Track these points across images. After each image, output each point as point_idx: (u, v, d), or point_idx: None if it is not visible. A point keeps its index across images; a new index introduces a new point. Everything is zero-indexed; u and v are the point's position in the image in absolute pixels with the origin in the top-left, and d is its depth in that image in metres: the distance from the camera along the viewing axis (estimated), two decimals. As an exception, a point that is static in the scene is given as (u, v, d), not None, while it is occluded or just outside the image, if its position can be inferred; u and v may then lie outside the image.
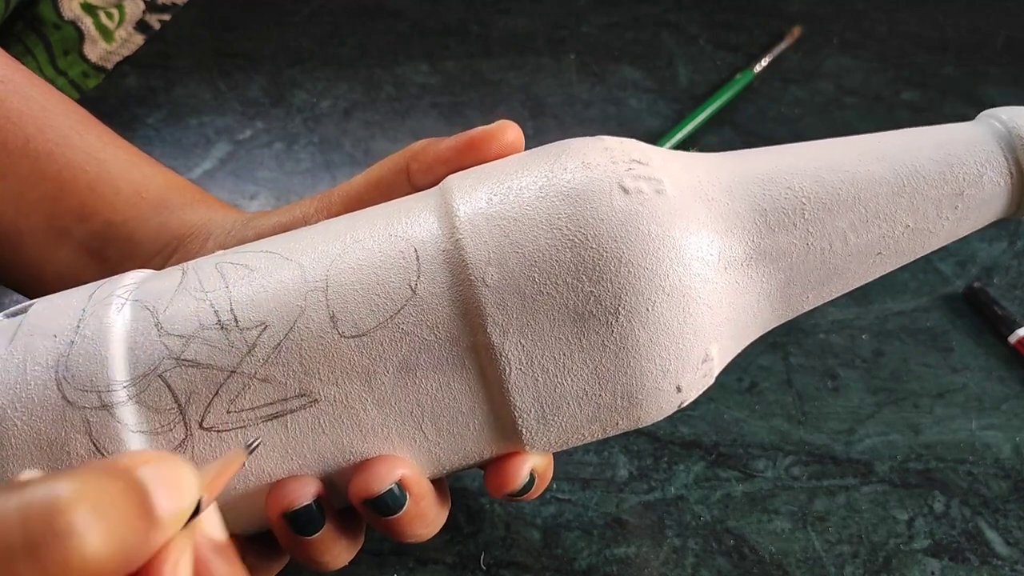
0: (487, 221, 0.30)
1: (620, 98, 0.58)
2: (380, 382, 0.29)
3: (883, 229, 0.31)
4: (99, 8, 0.56)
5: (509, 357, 0.29)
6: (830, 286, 0.32)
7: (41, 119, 0.39)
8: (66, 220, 0.39)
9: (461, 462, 0.32)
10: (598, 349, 0.29)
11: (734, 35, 0.60)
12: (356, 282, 0.29)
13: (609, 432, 0.32)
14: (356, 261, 0.30)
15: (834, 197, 0.31)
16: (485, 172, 0.32)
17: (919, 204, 0.31)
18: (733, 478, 0.42)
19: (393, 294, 0.29)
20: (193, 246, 0.37)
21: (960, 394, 0.45)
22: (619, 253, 0.29)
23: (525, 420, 0.30)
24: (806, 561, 0.40)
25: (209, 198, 0.41)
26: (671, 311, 0.29)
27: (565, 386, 0.30)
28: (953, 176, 0.31)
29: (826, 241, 0.31)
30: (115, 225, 0.39)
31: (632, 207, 0.30)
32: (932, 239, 0.32)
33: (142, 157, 0.41)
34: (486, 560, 0.40)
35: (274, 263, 0.31)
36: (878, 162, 0.32)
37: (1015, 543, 0.40)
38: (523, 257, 0.29)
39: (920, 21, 0.61)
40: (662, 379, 0.30)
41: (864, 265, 0.32)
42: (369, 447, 0.30)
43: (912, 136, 0.33)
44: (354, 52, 0.60)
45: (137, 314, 0.30)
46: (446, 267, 0.29)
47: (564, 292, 0.29)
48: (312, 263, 0.30)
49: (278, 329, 0.29)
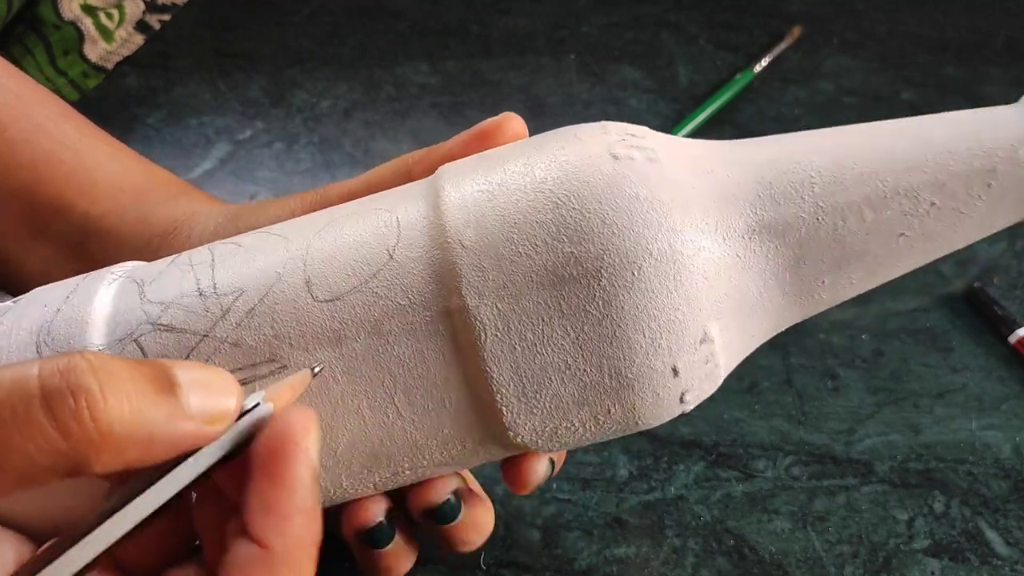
0: (472, 187, 0.29)
1: (620, 98, 0.58)
2: (350, 348, 0.28)
3: (904, 206, 0.29)
4: (99, 8, 0.56)
5: (484, 322, 0.27)
6: (849, 270, 0.30)
7: (16, 109, 0.39)
8: (43, 213, 0.38)
9: (442, 451, 0.30)
10: (579, 314, 0.27)
11: (734, 35, 0.60)
12: (336, 249, 0.29)
13: (602, 422, 0.29)
14: (339, 231, 0.30)
15: (846, 170, 0.29)
16: (480, 155, 0.31)
17: (945, 180, 0.28)
18: (733, 478, 0.42)
19: (370, 259, 0.28)
20: (176, 241, 0.37)
21: (960, 394, 0.45)
22: (602, 213, 0.27)
23: (504, 395, 0.28)
24: (806, 561, 0.40)
25: (192, 191, 0.40)
26: (659, 277, 0.27)
27: (546, 356, 0.28)
28: (983, 150, 0.28)
29: (839, 216, 0.29)
30: (93, 218, 0.38)
31: (620, 170, 0.28)
32: (965, 222, 0.29)
33: (123, 150, 0.41)
34: (486, 560, 0.40)
35: (263, 240, 0.31)
36: (895, 136, 0.29)
37: (1015, 543, 0.40)
38: (502, 218, 0.28)
39: (920, 21, 0.61)
40: (653, 355, 0.28)
41: (887, 247, 0.29)
42: (339, 422, 0.29)
43: (925, 117, 0.30)
44: (354, 52, 0.60)
45: (125, 286, 0.30)
46: (426, 232, 0.29)
47: (543, 253, 0.27)
48: (297, 235, 0.30)
49: (253, 295, 0.29)
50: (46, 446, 0.20)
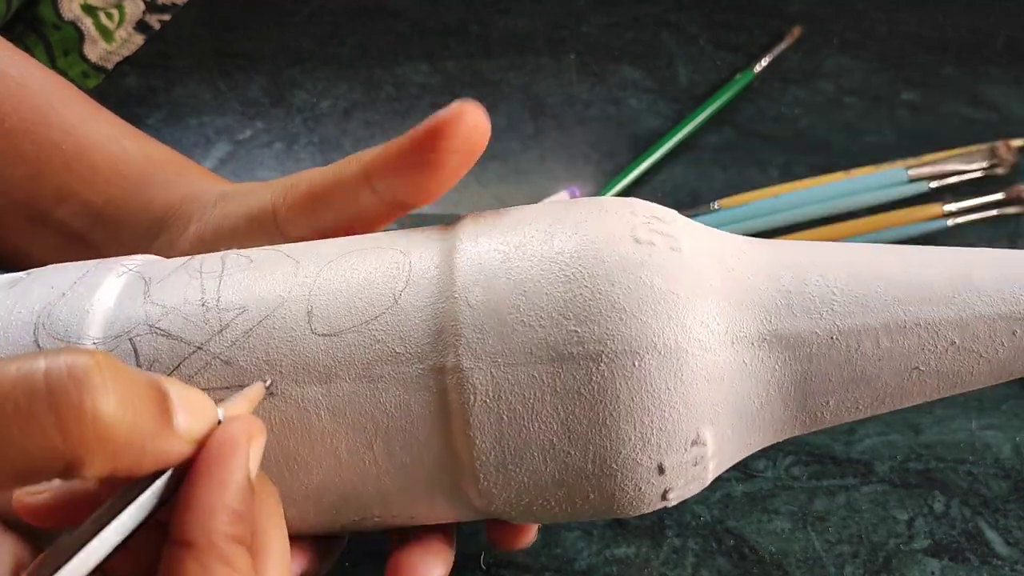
0: (489, 246, 0.28)
1: (620, 98, 0.58)
2: (339, 387, 0.27)
3: (923, 340, 0.28)
4: (99, 8, 0.56)
5: (476, 385, 0.27)
6: (856, 394, 0.29)
7: (17, 97, 0.39)
8: (46, 202, 0.38)
9: (413, 507, 0.29)
10: (573, 396, 0.27)
11: (734, 35, 0.60)
12: (343, 283, 0.29)
13: (579, 506, 0.29)
14: (350, 265, 0.29)
15: (871, 293, 0.28)
16: (504, 211, 0.30)
17: (969, 320, 0.28)
18: (733, 478, 0.42)
19: (375, 300, 0.28)
20: (176, 228, 0.36)
21: (960, 394, 0.45)
22: (613, 297, 0.27)
23: (483, 462, 0.27)
24: (806, 561, 0.40)
25: (191, 170, 0.39)
26: (660, 372, 0.27)
27: (531, 431, 0.27)
28: (1012, 296, 0.28)
29: (855, 339, 0.28)
30: (95, 206, 0.38)
31: (639, 256, 0.27)
32: (983, 367, 0.28)
33: (124, 130, 0.40)
34: (486, 560, 0.40)
35: (275, 258, 0.30)
36: (925, 267, 0.28)
37: (1015, 543, 0.40)
38: (513, 283, 0.27)
39: (920, 21, 0.61)
40: (641, 449, 0.27)
41: (898, 378, 0.28)
42: (315, 459, 0.28)
43: (965, 250, 0.29)
44: (354, 52, 0.60)
45: (132, 281, 0.30)
46: (435, 282, 0.28)
47: (547, 327, 0.27)
48: (308, 261, 0.30)
49: (254, 315, 0.28)
50: (44, 443, 0.20)
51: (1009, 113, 0.56)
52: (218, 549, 0.23)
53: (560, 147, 0.55)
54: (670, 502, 0.29)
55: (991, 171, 0.52)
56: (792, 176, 0.54)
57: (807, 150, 0.55)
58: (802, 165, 0.54)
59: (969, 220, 0.51)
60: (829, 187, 0.52)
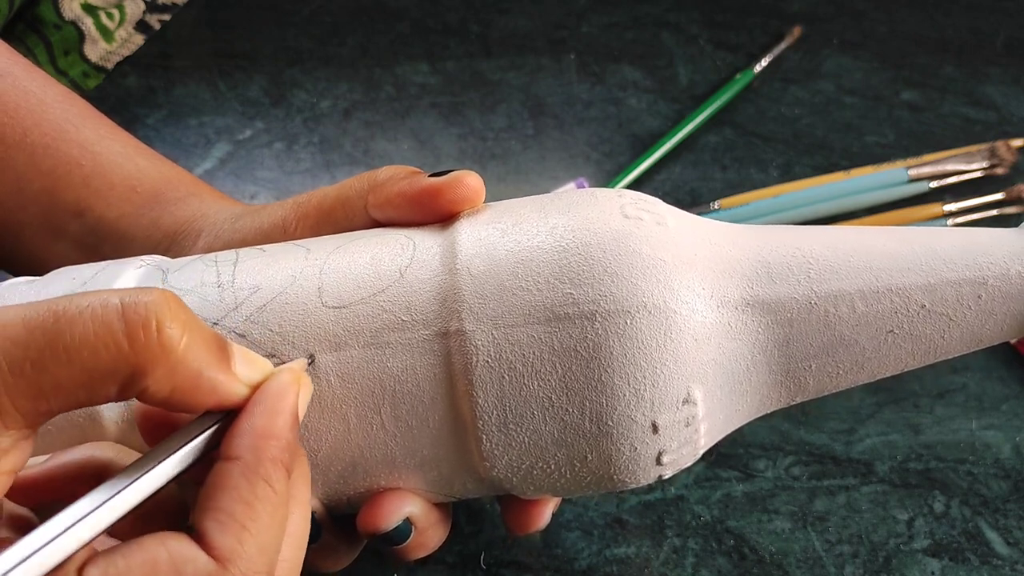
0: (488, 225, 0.31)
1: (620, 98, 0.58)
2: (348, 354, 0.29)
3: (895, 304, 0.30)
4: (99, 8, 0.56)
5: (478, 346, 0.29)
6: (837, 357, 0.31)
7: (38, 113, 0.40)
8: (62, 216, 0.39)
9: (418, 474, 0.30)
10: (569, 353, 0.28)
11: (734, 35, 0.60)
12: (352, 263, 0.31)
13: (578, 470, 0.30)
14: (358, 248, 0.31)
15: (844, 262, 0.30)
16: (495, 205, 0.33)
17: (936, 285, 0.30)
18: (733, 478, 0.42)
19: (382, 275, 0.30)
20: (185, 243, 0.38)
21: (960, 394, 0.45)
22: (605, 262, 0.29)
23: (486, 422, 0.29)
24: (806, 561, 0.40)
25: (203, 190, 0.41)
26: (650, 330, 0.29)
27: (531, 390, 0.29)
28: (975, 262, 0.30)
29: (831, 303, 0.30)
30: (108, 221, 0.39)
31: (628, 227, 0.30)
32: (953, 330, 0.30)
33: (138, 149, 0.42)
34: (486, 560, 0.40)
35: (286, 249, 0.32)
36: (895, 240, 0.31)
37: (1015, 543, 0.40)
38: (511, 252, 0.30)
39: (920, 21, 0.61)
40: (635, 406, 0.29)
41: (875, 341, 0.30)
42: (325, 425, 0.30)
43: (943, 229, 0.31)
44: (354, 52, 0.60)
45: (150, 272, 0.32)
46: (438, 257, 0.30)
47: (544, 290, 0.29)
48: (319, 248, 0.32)
49: (267, 292, 0.30)
50: (113, 347, 0.22)
51: (1009, 113, 0.56)
52: (264, 467, 0.25)
53: (560, 147, 0.55)
54: (665, 469, 0.30)
55: (991, 171, 0.52)
56: (792, 176, 0.54)
57: (807, 150, 0.55)
58: (802, 165, 0.54)
59: (969, 220, 0.51)
60: (829, 187, 0.52)
